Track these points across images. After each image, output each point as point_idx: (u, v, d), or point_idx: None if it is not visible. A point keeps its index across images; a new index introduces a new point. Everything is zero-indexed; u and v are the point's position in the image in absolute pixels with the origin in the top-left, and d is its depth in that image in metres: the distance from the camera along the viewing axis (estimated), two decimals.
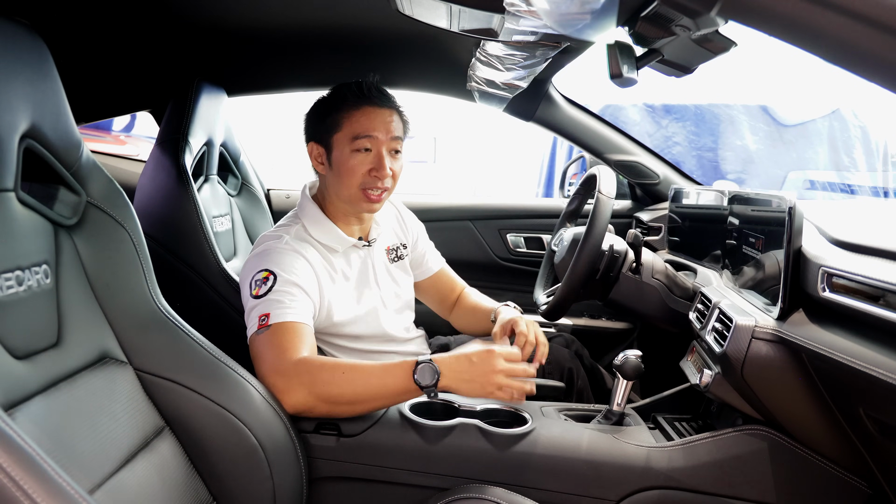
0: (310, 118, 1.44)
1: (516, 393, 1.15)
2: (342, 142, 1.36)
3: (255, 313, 1.23)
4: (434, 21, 1.20)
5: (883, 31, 0.53)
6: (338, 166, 1.37)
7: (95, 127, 4.37)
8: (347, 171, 1.36)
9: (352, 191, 1.37)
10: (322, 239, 1.41)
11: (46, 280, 0.90)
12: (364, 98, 1.37)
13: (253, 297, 1.26)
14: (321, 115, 1.40)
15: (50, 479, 0.54)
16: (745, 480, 1.14)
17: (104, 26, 1.51)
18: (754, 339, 1.08)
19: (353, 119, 1.35)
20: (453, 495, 1.05)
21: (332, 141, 1.38)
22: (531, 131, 2.35)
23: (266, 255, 1.32)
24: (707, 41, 0.88)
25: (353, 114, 1.36)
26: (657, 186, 2.16)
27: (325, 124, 1.38)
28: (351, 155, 1.35)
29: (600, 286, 1.51)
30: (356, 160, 1.35)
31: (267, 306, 1.23)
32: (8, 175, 0.84)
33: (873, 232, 1.13)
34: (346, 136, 1.35)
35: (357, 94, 1.37)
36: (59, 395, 0.86)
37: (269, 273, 1.27)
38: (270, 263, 1.29)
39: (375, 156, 1.36)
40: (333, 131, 1.37)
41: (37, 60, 0.90)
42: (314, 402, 1.14)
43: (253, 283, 1.28)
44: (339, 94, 1.40)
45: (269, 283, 1.26)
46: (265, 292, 1.25)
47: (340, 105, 1.37)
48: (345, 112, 1.36)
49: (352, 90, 1.38)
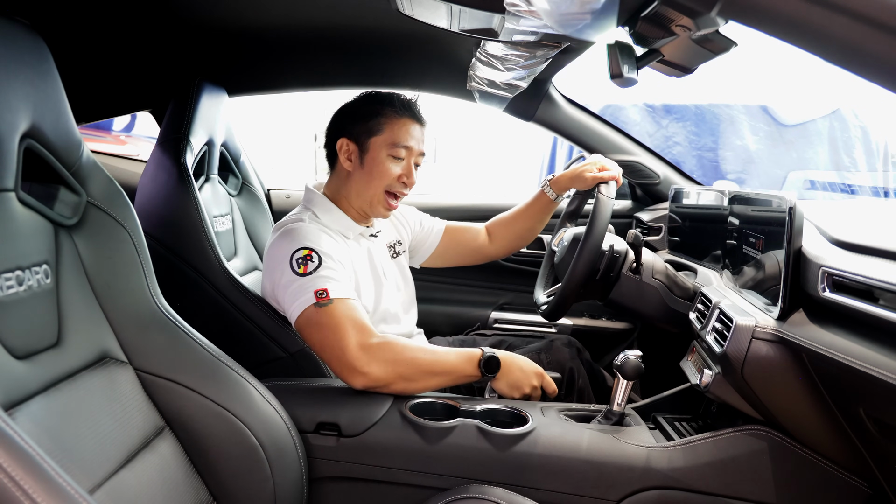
0: (347, 116, 1.50)
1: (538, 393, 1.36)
2: (380, 145, 1.44)
3: (310, 288, 1.27)
4: (434, 21, 1.20)
5: (883, 32, 0.53)
6: (370, 167, 1.44)
7: (95, 127, 4.37)
8: (380, 173, 1.43)
9: (377, 192, 1.45)
10: (333, 225, 1.46)
11: (46, 280, 0.90)
12: (408, 111, 1.46)
13: (300, 275, 1.29)
14: (362, 116, 1.46)
15: (50, 479, 0.54)
16: (745, 480, 1.14)
17: (105, 26, 1.51)
18: (754, 340, 1.08)
19: (395, 127, 1.44)
20: (453, 495, 1.05)
21: (369, 142, 1.44)
22: (531, 131, 2.35)
23: (298, 233, 1.35)
24: (707, 41, 0.88)
25: (396, 122, 1.44)
26: (657, 186, 2.16)
27: (365, 125, 1.45)
28: (386, 159, 1.44)
29: (600, 286, 1.51)
30: (390, 165, 1.44)
31: (322, 282, 1.27)
32: (8, 175, 0.84)
33: (873, 232, 1.13)
34: (386, 141, 1.43)
35: (402, 106, 1.46)
36: (60, 395, 0.86)
37: (310, 251, 1.31)
38: (307, 241, 1.33)
39: (407, 165, 1.46)
40: (373, 134, 1.44)
41: (37, 60, 0.90)
42: (393, 378, 1.23)
43: (294, 262, 1.31)
44: (384, 100, 1.47)
45: (315, 260, 1.30)
46: (314, 269, 1.29)
47: (384, 111, 1.45)
48: (387, 119, 1.44)
49: (400, 100, 1.47)
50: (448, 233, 1.79)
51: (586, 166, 1.59)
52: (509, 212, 1.81)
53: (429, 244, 1.77)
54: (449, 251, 1.79)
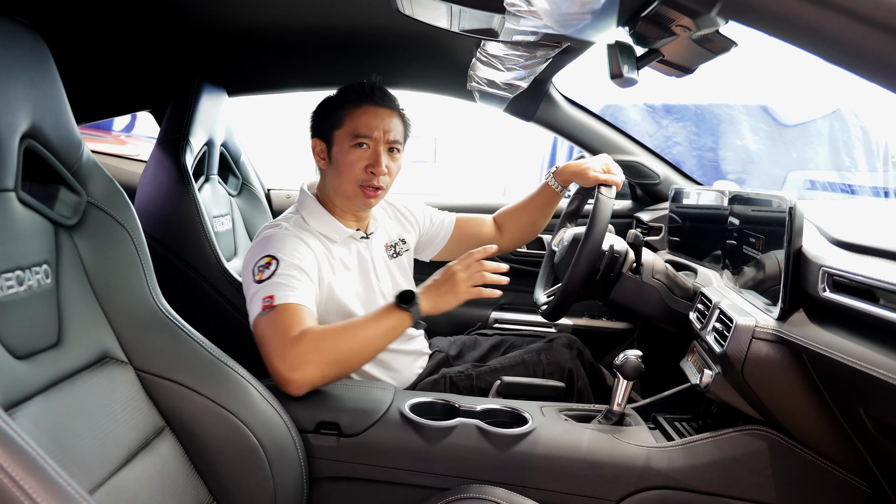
0: (315, 115, 1.49)
1: (484, 289, 1.32)
2: (342, 138, 1.41)
3: (259, 296, 1.24)
4: (434, 21, 1.20)
5: (883, 31, 0.53)
6: (337, 161, 1.42)
7: (95, 127, 4.38)
8: (346, 165, 1.40)
9: (349, 186, 1.42)
10: (320, 229, 1.44)
11: (47, 280, 0.90)
12: (366, 97, 1.42)
13: (256, 282, 1.28)
14: (325, 112, 1.46)
15: (50, 478, 0.54)
16: (745, 480, 1.14)
17: (105, 26, 1.52)
18: (754, 340, 1.08)
19: (354, 116, 1.41)
20: (453, 495, 1.05)
21: (333, 137, 1.43)
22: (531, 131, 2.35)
23: (267, 241, 1.34)
24: (707, 41, 0.88)
25: (355, 112, 1.41)
26: (657, 186, 2.16)
27: (328, 121, 1.43)
28: (350, 150, 1.40)
29: (600, 286, 1.51)
30: (354, 156, 1.40)
31: (271, 289, 1.24)
32: (8, 175, 0.84)
33: (873, 232, 1.13)
34: (347, 132, 1.41)
35: (360, 93, 1.42)
36: (60, 394, 0.86)
37: (272, 258, 1.30)
38: (272, 249, 1.31)
39: (373, 153, 1.41)
40: (335, 127, 1.42)
41: (37, 60, 0.90)
42: (326, 368, 1.18)
43: (255, 269, 1.30)
44: (343, 92, 1.45)
45: (272, 267, 1.28)
46: (268, 276, 1.27)
47: (344, 103, 1.43)
48: (347, 110, 1.41)
49: (355, 89, 1.44)
50: (459, 225, 1.79)
51: (591, 164, 1.59)
52: (515, 203, 1.81)
53: (440, 238, 1.76)
54: (461, 244, 1.78)
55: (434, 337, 1.83)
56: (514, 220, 1.80)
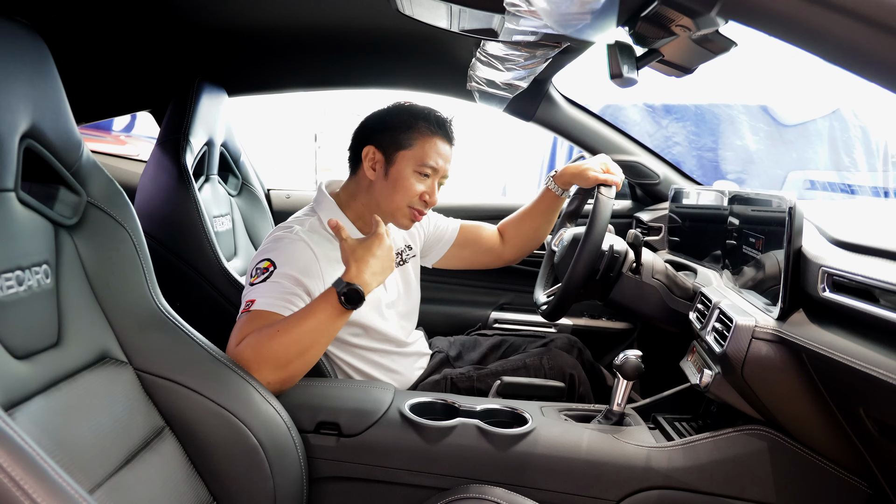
0: (377, 124, 1.47)
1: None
2: (408, 160, 1.42)
3: (245, 298, 1.27)
4: (434, 21, 1.20)
5: (883, 31, 0.53)
6: (395, 180, 1.42)
7: (95, 127, 4.37)
8: (404, 188, 1.42)
9: (400, 206, 1.44)
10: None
11: (47, 280, 0.90)
12: (442, 130, 1.45)
13: (250, 283, 1.30)
14: (393, 127, 1.44)
15: (50, 479, 0.54)
16: (745, 480, 1.14)
17: (104, 26, 1.52)
18: (754, 339, 1.08)
19: (426, 145, 1.43)
20: (453, 495, 1.05)
21: (397, 155, 1.42)
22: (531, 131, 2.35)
23: (273, 245, 1.35)
24: (707, 41, 0.88)
25: (428, 140, 1.43)
26: (657, 186, 2.16)
27: (395, 137, 1.43)
28: (413, 175, 1.42)
29: (600, 286, 1.51)
30: (414, 181, 1.42)
31: (256, 293, 1.26)
32: (8, 175, 0.84)
33: (873, 232, 1.13)
34: (415, 157, 1.42)
35: (437, 124, 1.45)
36: (60, 395, 0.86)
37: (270, 263, 1.30)
38: (273, 254, 1.32)
39: (432, 183, 1.45)
40: (402, 147, 1.42)
41: (37, 60, 0.90)
42: (271, 373, 1.14)
43: (254, 270, 1.31)
44: (418, 114, 1.45)
45: (267, 273, 1.29)
46: (260, 281, 1.28)
47: (416, 125, 1.43)
48: (420, 134, 1.43)
49: (433, 118, 1.45)
50: (463, 232, 1.78)
51: (591, 164, 1.58)
52: (517, 212, 1.80)
53: (443, 243, 1.76)
54: (465, 251, 1.78)
55: (434, 337, 1.83)
56: (517, 229, 1.79)
